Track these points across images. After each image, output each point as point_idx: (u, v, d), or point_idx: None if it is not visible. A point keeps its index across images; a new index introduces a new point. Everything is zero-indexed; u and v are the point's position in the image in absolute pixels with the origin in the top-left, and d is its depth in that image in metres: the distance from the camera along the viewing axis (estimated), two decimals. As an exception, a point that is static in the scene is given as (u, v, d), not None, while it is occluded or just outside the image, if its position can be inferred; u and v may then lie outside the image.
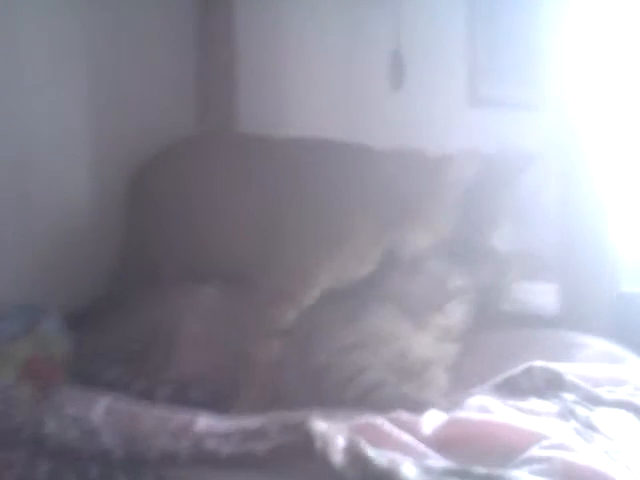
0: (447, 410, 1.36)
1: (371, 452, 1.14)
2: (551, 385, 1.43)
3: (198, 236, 1.84)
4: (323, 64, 2.42)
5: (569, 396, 1.40)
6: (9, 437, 1.21)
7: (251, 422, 1.31)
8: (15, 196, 1.82)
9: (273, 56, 2.33)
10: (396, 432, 1.25)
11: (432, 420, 1.31)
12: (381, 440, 1.23)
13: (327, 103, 2.44)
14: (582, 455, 1.16)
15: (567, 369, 1.48)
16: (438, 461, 1.19)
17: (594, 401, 1.41)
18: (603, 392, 1.45)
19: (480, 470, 1.12)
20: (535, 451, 1.19)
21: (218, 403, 1.54)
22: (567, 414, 1.32)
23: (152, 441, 1.21)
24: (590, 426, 1.30)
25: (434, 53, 2.63)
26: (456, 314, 1.67)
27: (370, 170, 1.68)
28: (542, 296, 2.01)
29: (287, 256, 1.67)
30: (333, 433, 1.16)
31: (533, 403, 1.37)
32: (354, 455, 1.13)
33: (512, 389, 1.44)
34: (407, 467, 1.11)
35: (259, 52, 2.30)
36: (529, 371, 1.45)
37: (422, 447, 1.23)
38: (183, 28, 2.24)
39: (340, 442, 1.15)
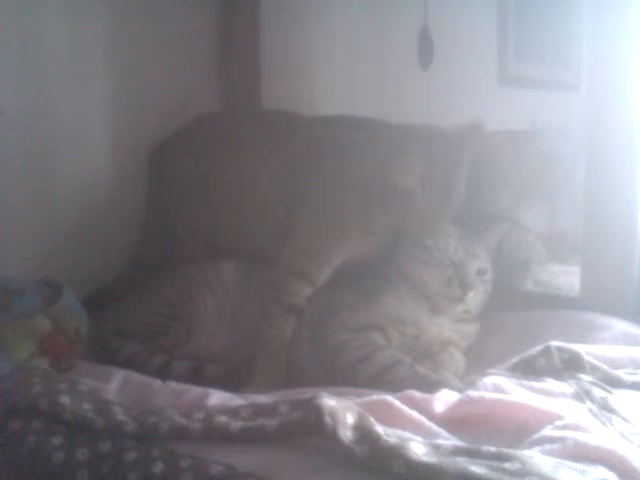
0: (460, 390, 1.34)
1: (380, 429, 1.13)
2: (568, 366, 1.40)
3: (217, 212, 1.85)
4: (349, 41, 2.39)
5: (586, 377, 1.37)
6: (26, 408, 1.22)
7: (262, 399, 1.32)
8: (35, 173, 1.83)
9: (298, 35, 2.32)
10: (407, 410, 1.24)
11: (444, 399, 1.30)
12: (391, 418, 1.22)
13: (354, 82, 2.42)
14: (595, 436, 1.14)
15: (586, 350, 1.46)
16: (448, 440, 1.18)
17: (613, 383, 1.38)
18: (622, 374, 1.42)
19: (490, 449, 1.10)
20: (548, 431, 1.17)
21: (234, 379, 1.55)
22: (582, 395, 1.29)
23: (163, 415, 1.21)
24: (607, 408, 1.27)
25: (463, 29, 2.60)
26: (476, 298, 1.65)
27: (389, 146, 1.65)
28: (565, 276, 1.99)
29: (301, 232, 1.66)
30: (342, 410, 1.16)
31: (548, 384, 1.35)
32: (363, 432, 1.12)
33: (527, 369, 1.42)
34: (416, 445, 1.10)
35: (284, 31, 2.29)
36: (546, 351, 1.43)
37: (433, 426, 1.22)
38: (209, 7, 2.23)
39: (349, 419, 1.15)
